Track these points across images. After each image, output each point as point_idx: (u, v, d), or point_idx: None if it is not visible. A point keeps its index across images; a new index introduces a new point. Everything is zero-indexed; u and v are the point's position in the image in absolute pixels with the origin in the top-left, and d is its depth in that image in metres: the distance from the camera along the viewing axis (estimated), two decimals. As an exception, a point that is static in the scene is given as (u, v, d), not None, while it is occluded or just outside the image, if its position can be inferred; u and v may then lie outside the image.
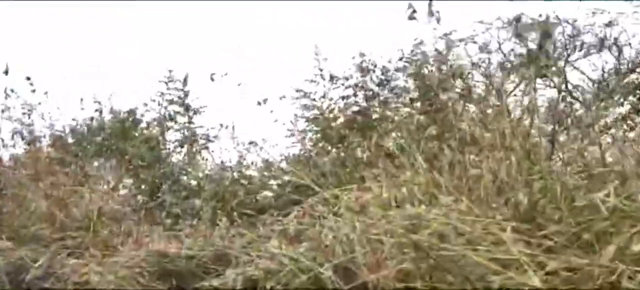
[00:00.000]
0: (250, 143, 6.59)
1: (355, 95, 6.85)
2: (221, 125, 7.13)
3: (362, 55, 6.93)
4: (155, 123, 7.46)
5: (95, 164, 7.40)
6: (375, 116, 6.49)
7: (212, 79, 6.94)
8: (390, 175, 3.81)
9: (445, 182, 3.56)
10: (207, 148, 7.21)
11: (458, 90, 5.97)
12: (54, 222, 5.21)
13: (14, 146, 7.71)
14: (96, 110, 7.74)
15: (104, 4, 7.98)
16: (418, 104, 6.45)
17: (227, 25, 8.03)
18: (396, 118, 6.43)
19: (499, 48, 6.71)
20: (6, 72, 7.29)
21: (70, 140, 7.68)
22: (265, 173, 6.26)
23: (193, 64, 7.33)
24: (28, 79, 7.47)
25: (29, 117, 7.70)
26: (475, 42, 6.66)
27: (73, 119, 7.66)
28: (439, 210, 3.24)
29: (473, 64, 6.53)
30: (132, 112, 7.50)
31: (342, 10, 7.48)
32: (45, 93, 7.71)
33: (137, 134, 7.53)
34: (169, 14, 8.14)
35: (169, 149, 7.30)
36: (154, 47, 8.15)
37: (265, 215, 4.76)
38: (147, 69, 7.57)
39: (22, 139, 7.74)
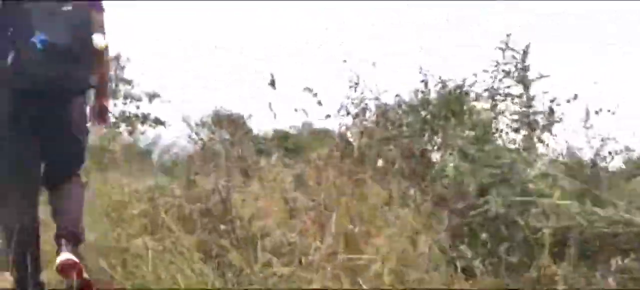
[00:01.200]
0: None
1: None
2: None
3: None
4: (487, 98, 6.09)
5: (417, 146, 6.38)
6: None
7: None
8: None
9: None
10: (550, 132, 5.55)
11: None
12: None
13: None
14: (422, 81, 6.80)
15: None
16: None
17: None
18: None
19: None
20: None
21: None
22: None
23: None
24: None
25: (355, 91, 7.16)
26: None
27: (396, 95, 6.80)
28: None
29: None
30: (458, 86, 6.27)
31: None
32: (373, 64, 7.16)
33: (465, 110, 6.30)
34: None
35: (501, 132, 5.85)
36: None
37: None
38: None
39: (348, 113, 7.27)
